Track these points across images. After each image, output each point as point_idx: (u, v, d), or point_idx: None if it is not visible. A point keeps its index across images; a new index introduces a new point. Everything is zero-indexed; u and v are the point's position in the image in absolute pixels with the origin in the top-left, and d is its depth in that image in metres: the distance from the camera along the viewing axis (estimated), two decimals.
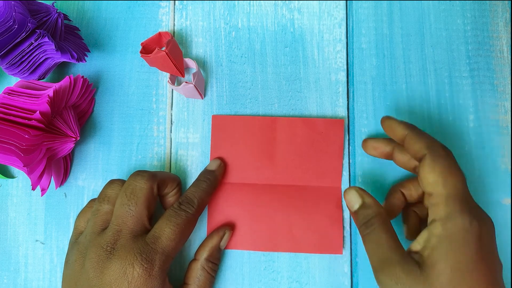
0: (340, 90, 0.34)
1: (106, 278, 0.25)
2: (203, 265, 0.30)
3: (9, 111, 0.28)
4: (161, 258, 0.26)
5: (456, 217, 0.24)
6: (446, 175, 0.25)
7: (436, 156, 0.26)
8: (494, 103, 0.34)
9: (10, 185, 0.34)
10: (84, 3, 0.36)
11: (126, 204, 0.27)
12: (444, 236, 0.24)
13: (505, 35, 0.35)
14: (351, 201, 0.28)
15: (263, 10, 0.36)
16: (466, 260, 0.23)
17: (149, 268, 0.25)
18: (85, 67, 0.35)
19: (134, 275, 0.25)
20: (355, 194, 0.28)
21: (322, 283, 0.32)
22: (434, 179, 0.25)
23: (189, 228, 0.28)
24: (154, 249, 0.26)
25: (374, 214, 0.26)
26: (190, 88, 0.32)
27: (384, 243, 0.25)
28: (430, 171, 0.25)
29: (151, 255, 0.26)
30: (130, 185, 0.28)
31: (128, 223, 0.27)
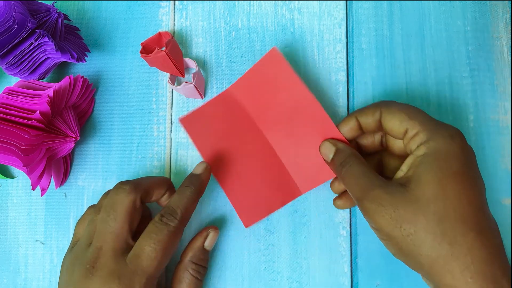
0: (340, 90, 0.34)
1: None
2: (186, 267, 0.29)
3: (9, 111, 0.28)
4: (141, 281, 0.24)
5: (436, 136, 0.24)
6: (407, 111, 0.26)
7: (388, 105, 0.27)
8: (494, 103, 0.34)
9: (10, 185, 0.34)
10: (84, 3, 0.36)
11: (105, 220, 0.26)
12: (428, 153, 0.24)
13: (505, 36, 0.35)
14: (326, 152, 0.29)
15: (263, 10, 0.36)
16: (452, 171, 0.23)
17: None
18: (85, 67, 0.35)
19: None
20: (328, 145, 0.29)
21: (322, 283, 0.32)
22: (399, 118, 0.26)
23: (173, 243, 0.26)
24: (134, 271, 0.24)
25: (348, 155, 0.27)
26: (190, 88, 0.32)
27: (363, 173, 0.26)
28: (392, 116, 0.26)
29: (130, 279, 0.24)
30: (111, 198, 0.26)
31: (108, 240, 0.25)
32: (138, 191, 0.27)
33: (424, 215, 0.22)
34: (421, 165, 0.24)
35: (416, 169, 0.24)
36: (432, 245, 0.22)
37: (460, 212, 0.22)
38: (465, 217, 0.22)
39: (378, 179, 0.25)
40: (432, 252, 0.22)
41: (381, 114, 0.27)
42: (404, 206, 0.23)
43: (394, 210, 0.23)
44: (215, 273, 0.32)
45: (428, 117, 0.26)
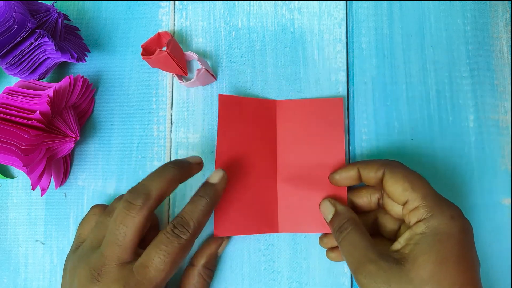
0: (340, 90, 0.34)
1: None
2: (200, 272, 0.29)
3: (9, 111, 0.28)
4: None
5: (437, 214, 0.24)
6: (411, 180, 0.26)
7: (393, 167, 0.27)
8: (494, 103, 0.34)
9: (10, 185, 0.34)
10: (84, 3, 0.36)
11: (114, 234, 0.25)
12: (427, 232, 0.24)
13: (505, 35, 0.35)
14: (325, 212, 0.29)
15: (263, 10, 0.36)
16: (449, 254, 0.23)
17: None
18: (85, 67, 0.35)
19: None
20: (328, 204, 0.29)
21: (322, 283, 0.32)
22: (402, 187, 0.26)
23: (182, 256, 0.25)
24: (140, 281, 0.24)
25: (346, 219, 0.27)
26: (203, 73, 0.32)
27: (359, 244, 0.26)
28: (394, 182, 0.26)
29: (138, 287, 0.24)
30: (122, 212, 0.25)
31: (116, 251, 0.25)
32: (150, 205, 0.26)
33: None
34: (419, 245, 0.24)
35: (413, 248, 0.24)
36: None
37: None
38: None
39: (374, 252, 0.25)
40: None
41: (384, 174, 0.27)
42: (398, 285, 0.23)
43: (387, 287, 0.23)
44: (215, 273, 0.32)
45: (431, 191, 0.25)
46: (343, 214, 0.28)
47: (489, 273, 0.32)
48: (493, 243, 0.32)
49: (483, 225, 0.33)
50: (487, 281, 0.32)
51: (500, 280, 0.32)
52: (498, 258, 0.32)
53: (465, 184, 0.33)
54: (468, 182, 0.33)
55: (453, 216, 0.24)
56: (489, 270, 0.32)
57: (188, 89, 0.35)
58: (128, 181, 0.33)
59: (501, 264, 0.32)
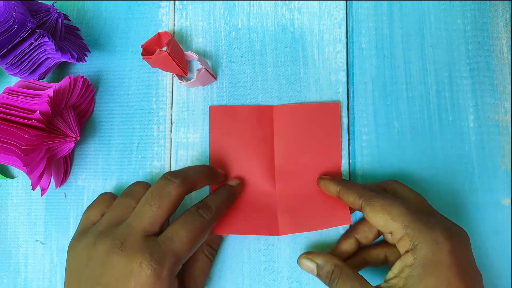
0: (340, 90, 0.34)
1: (112, 275, 0.24)
2: (202, 248, 0.30)
3: (9, 111, 0.28)
4: (172, 261, 0.25)
5: (422, 243, 0.24)
6: (390, 211, 0.25)
7: (370, 200, 0.27)
8: (494, 103, 0.34)
9: (10, 185, 0.34)
10: (84, 3, 0.36)
11: (149, 204, 0.26)
12: (416, 264, 0.24)
13: (505, 35, 0.35)
14: (307, 270, 0.29)
15: (263, 10, 0.36)
16: (440, 282, 0.23)
17: (159, 269, 0.24)
18: (85, 67, 0.35)
19: (142, 276, 0.24)
20: (307, 263, 0.29)
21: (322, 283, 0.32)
22: (383, 220, 0.26)
23: (203, 234, 0.27)
24: (166, 251, 0.25)
25: (332, 270, 0.27)
26: (203, 73, 0.32)
27: None
28: (374, 215, 0.26)
29: (162, 257, 0.24)
30: (159, 186, 0.27)
31: (144, 222, 0.26)
32: (186, 187, 0.27)
33: None
34: (410, 278, 0.24)
35: (406, 282, 0.24)
36: None
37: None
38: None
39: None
40: None
41: (362, 206, 0.27)
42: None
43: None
44: (215, 273, 0.32)
45: (411, 217, 0.25)
46: (326, 266, 0.28)
47: (489, 273, 0.32)
48: (493, 243, 0.32)
49: (483, 225, 0.33)
50: (487, 281, 0.32)
51: (500, 280, 0.32)
52: (498, 258, 0.32)
53: (465, 184, 0.33)
54: (468, 182, 0.33)
55: (438, 241, 0.24)
56: (489, 270, 0.32)
57: (188, 89, 0.35)
58: (128, 181, 0.33)
59: (501, 264, 0.32)
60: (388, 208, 0.26)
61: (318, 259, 0.28)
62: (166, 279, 0.24)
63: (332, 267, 0.27)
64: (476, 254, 0.32)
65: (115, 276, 0.24)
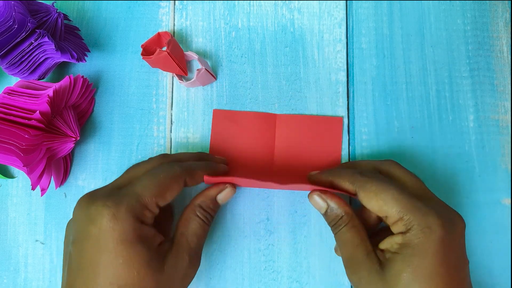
0: (340, 90, 0.34)
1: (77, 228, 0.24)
2: (194, 209, 0.28)
3: (9, 111, 0.28)
4: (130, 201, 0.24)
5: (413, 227, 0.24)
6: (383, 197, 0.25)
7: (364, 185, 0.26)
8: (494, 103, 0.34)
9: (10, 185, 0.34)
10: (84, 3, 0.36)
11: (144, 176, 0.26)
12: (404, 244, 0.24)
13: (505, 35, 0.35)
14: (317, 206, 0.29)
15: (263, 10, 0.36)
16: (424, 265, 0.23)
17: (115, 210, 0.23)
18: (85, 67, 0.35)
19: (98, 218, 0.23)
20: (318, 199, 0.28)
21: (322, 283, 0.32)
22: (377, 205, 0.26)
23: (169, 181, 0.26)
24: (124, 193, 0.24)
25: (340, 216, 0.28)
26: (203, 73, 0.32)
27: (351, 242, 0.27)
28: (369, 200, 0.26)
29: (119, 198, 0.24)
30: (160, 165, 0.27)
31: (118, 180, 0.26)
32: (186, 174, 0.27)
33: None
34: (398, 255, 0.25)
35: (392, 257, 0.25)
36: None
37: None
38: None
39: (362, 251, 0.26)
40: None
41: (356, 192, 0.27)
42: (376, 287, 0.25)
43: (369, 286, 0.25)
44: (215, 273, 0.32)
45: (405, 201, 0.25)
46: (336, 210, 0.28)
47: (489, 273, 0.32)
48: (493, 243, 0.32)
49: (483, 224, 0.33)
50: (488, 281, 0.32)
51: (500, 280, 0.32)
52: (498, 258, 0.32)
53: (465, 184, 0.33)
54: (468, 181, 0.33)
55: (431, 227, 0.24)
56: (489, 270, 0.32)
57: (188, 89, 0.35)
58: None
59: (501, 264, 0.32)
60: (382, 194, 0.25)
61: (332, 201, 0.28)
62: (124, 218, 0.23)
63: (342, 213, 0.27)
64: (476, 253, 0.32)
65: (79, 228, 0.24)
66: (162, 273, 0.24)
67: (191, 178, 0.28)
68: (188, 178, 0.27)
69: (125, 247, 0.23)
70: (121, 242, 0.23)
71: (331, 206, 0.28)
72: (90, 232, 0.23)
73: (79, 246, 0.24)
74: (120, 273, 0.23)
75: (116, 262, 0.23)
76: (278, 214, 0.33)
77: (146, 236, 0.24)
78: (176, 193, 0.27)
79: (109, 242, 0.23)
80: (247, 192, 0.33)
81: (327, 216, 0.28)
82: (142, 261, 0.23)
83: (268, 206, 0.33)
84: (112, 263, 0.23)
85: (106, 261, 0.23)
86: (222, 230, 0.33)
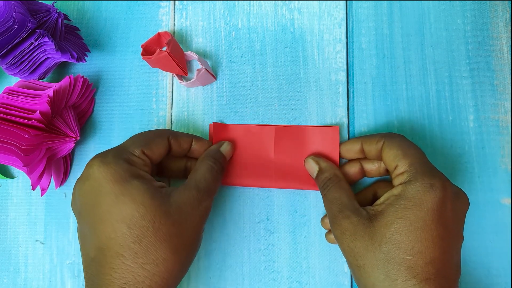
0: (340, 90, 0.34)
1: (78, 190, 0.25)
2: (202, 158, 0.29)
3: (9, 111, 0.28)
4: (117, 150, 0.26)
5: (417, 181, 0.24)
6: (405, 148, 0.26)
7: (392, 137, 0.28)
8: (494, 103, 0.34)
9: (10, 185, 0.34)
10: (84, 3, 0.36)
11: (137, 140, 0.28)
12: (402, 195, 0.25)
13: (505, 35, 0.35)
14: (310, 169, 0.31)
15: (263, 10, 0.36)
16: (416, 218, 0.23)
17: (102, 157, 0.25)
18: (85, 67, 0.35)
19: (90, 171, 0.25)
20: (312, 162, 0.31)
21: (322, 283, 0.32)
22: (394, 153, 0.26)
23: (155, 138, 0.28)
24: (111, 149, 0.26)
25: (330, 176, 0.29)
26: (203, 73, 0.32)
27: (338, 200, 0.27)
28: (390, 149, 0.27)
29: (105, 151, 0.26)
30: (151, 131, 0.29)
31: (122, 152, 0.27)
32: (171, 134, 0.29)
33: (374, 253, 0.24)
34: (391, 206, 0.25)
35: (386, 208, 0.25)
36: (376, 282, 0.23)
37: (407, 260, 0.23)
38: (411, 265, 0.23)
39: (349, 208, 0.26)
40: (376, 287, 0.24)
41: (383, 144, 0.28)
42: (361, 239, 0.24)
43: (352, 240, 0.25)
44: (215, 273, 0.32)
45: (422, 159, 0.26)
46: (327, 171, 0.29)
47: (489, 273, 0.32)
48: (493, 243, 0.32)
49: (483, 224, 0.33)
50: (488, 281, 0.32)
51: (500, 280, 0.32)
52: (498, 258, 0.32)
53: (465, 184, 0.33)
54: (468, 181, 0.33)
55: (434, 185, 0.24)
56: (489, 270, 0.32)
57: (188, 89, 0.35)
58: None
59: (501, 264, 0.32)
60: (404, 146, 0.27)
61: (323, 163, 0.30)
62: (112, 161, 0.25)
63: (331, 175, 0.29)
64: (476, 253, 0.32)
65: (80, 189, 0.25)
66: (170, 205, 0.24)
67: (175, 139, 0.29)
68: (173, 138, 0.29)
69: (121, 185, 0.24)
70: (116, 181, 0.24)
71: (322, 167, 0.30)
72: (86, 184, 0.25)
73: (81, 200, 0.25)
74: (125, 209, 0.23)
75: (117, 200, 0.23)
76: (278, 214, 0.33)
77: (141, 175, 0.25)
78: (162, 148, 0.28)
79: (104, 185, 0.24)
80: (247, 192, 0.33)
81: (318, 179, 0.30)
82: (145, 193, 0.24)
83: (268, 206, 0.33)
84: (114, 202, 0.23)
85: (107, 203, 0.23)
86: (222, 230, 0.33)
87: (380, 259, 0.23)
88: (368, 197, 0.31)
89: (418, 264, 0.23)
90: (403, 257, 0.23)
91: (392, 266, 0.23)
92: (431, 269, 0.23)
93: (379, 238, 0.24)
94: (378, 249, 0.24)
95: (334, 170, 0.29)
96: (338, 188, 0.28)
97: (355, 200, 0.27)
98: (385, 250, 0.23)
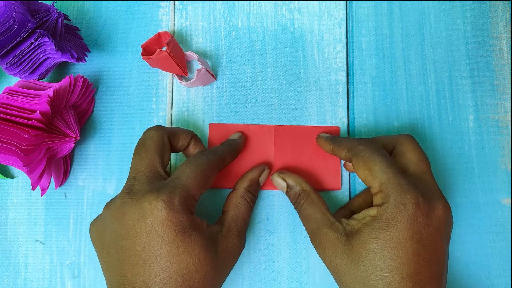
0: (340, 90, 0.34)
1: (129, 224, 0.24)
2: (242, 194, 0.30)
3: (9, 111, 0.28)
4: (181, 193, 0.25)
5: (389, 202, 0.25)
6: (370, 167, 0.26)
7: (356, 154, 0.27)
8: (494, 103, 0.34)
9: (10, 185, 0.34)
10: (84, 3, 0.36)
11: (137, 154, 0.27)
12: (377, 217, 0.25)
13: (505, 35, 0.35)
14: (278, 186, 0.31)
15: (263, 10, 0.36)
16: (390, 238, 0.24)
17: (169, 202, 0.24)
18: (85, 67, 0.35)
19: (154, 212, 0.24)
20: (278, 180, 0.31)
21: (322, 282, 0.32)
22: (363, 174, 0.27)
23: (210, 171, 0.27)
24: (173, 186, 0.25)
25: (299, 192, 0.29)
26: (203, 73, 0.32)
27: (312, 216, 0.28)
28: (358, 168, 0.27)
29: (170, 191, 0.24)
30: (141, 138, 0.28)
31: (141, 169, 0.26)
32: (164, 129, 0.28)
33: (353, 270, 0.25)
34: (367, 227, 0.25)
35: (362, 227, 0.25)
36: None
37: (384, 277, 0.24)
38: (388, 282, 0.24)
39: (325, 223, 0.27)
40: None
41: (351, 160, 0.28)
42: (340, 257, 0.25)
43: (333, 258, 0.26)
44: None
45: (389, 175, 0.25)
46: (294, 187, 0.30)
47: (489, 273, 0.32)
48: (493, 243, 0.32)
49: (483, 224, 0.33)
50: (487, 281, 0.32)
51: (500, 280, 0.32)
52: (498, 258, 0.32)
53: (465, 184, 0.33)
54: (468, 181, 0.33)
55: (405, 204, 0.24)
56: (489, 270, 0.32)
57: (188, 89, 0.35)
58: None
59: (501, 264, 0.32)
60: (371, 164, 0.26)
61: (290, 179, 0.30)
62: (179, 210, 0.24)
63: (299, 191, 0.29)
64: (476, 254, 0.32)
65: (131, 223, 0.24)
66: (218, 257, 0.26)
67: (224, 164, 0.29)
68: (222, 165, 0.29)
69: (184, 237, 0.24)
70: (180, 232, 0.24)
71: (290, 184, 0.30)
72: (145, 226, 0.24)
73: (133, 241, 0.24)
74: (183, 262, 0.24)
75: (177, 252, 0.24)
76: (278, 214, 0.33)
77: (196, 224, 0.25)
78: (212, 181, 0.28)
79: (168, 234, 0.24)
80: None
81: (289, 195, 0.30)
82: (201, 247, 0.24)
83: (268, 206, 0.33)
84: (174, 253, 0.24)
85: (167, 252, 0.24)
86: None
87: (359, 276, 0.24)
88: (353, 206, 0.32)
89: (395, 280, 0.23)
90: (380, 274, 0.24)
91: (371, 283, 0.24)
92: (408, 283, 0.23)
93: (357, 256, 0.25)
94: (356, 267, 0.24)
95: (301, 185, 0.29)
96: (309, 204, 0.28)
97: (329, 212, 0.28)
98: (363, 268, 0.24)
